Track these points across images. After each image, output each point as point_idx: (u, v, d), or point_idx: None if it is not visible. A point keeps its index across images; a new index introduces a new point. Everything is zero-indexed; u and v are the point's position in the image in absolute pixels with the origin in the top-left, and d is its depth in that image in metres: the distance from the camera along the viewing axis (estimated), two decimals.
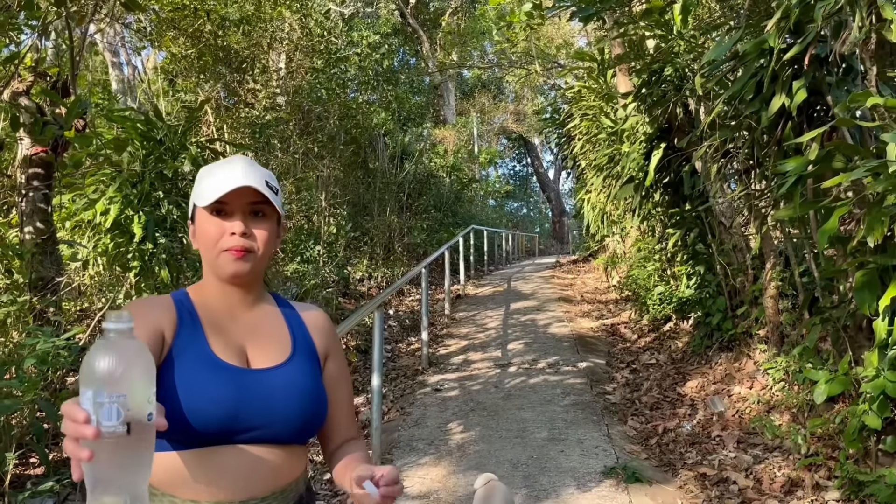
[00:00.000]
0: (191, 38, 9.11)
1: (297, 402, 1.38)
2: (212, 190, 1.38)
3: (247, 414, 1.32)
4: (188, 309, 1.41)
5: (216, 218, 1.39)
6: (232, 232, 1.38)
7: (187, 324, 1.38)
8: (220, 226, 1.39)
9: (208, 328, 1.39)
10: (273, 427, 1.35)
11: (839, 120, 3.69)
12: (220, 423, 1.28)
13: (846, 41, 3.67)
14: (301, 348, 1.47)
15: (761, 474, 4.37)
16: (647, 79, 6.57)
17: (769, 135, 4.64)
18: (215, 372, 1.33)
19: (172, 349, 1.32)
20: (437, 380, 7.11)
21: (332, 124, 11.44)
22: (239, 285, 1.45)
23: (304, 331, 1.52)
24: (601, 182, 9.63)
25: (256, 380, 1.37)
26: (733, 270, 6.51)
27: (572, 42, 21.89)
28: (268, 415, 1.34)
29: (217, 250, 1.39)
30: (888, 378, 3.62)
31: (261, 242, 1.41)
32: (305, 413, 1.40)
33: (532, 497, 4.21)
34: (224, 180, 1.38)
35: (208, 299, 1.45)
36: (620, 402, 6.19)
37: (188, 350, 1.33)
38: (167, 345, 1.33)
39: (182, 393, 1.27)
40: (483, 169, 30.24)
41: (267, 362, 1.41)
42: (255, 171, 1.43)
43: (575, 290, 12.87)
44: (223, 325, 1.42)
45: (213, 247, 1.39)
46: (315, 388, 1.44)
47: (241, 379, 1.35)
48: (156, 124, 6.14)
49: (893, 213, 3.22)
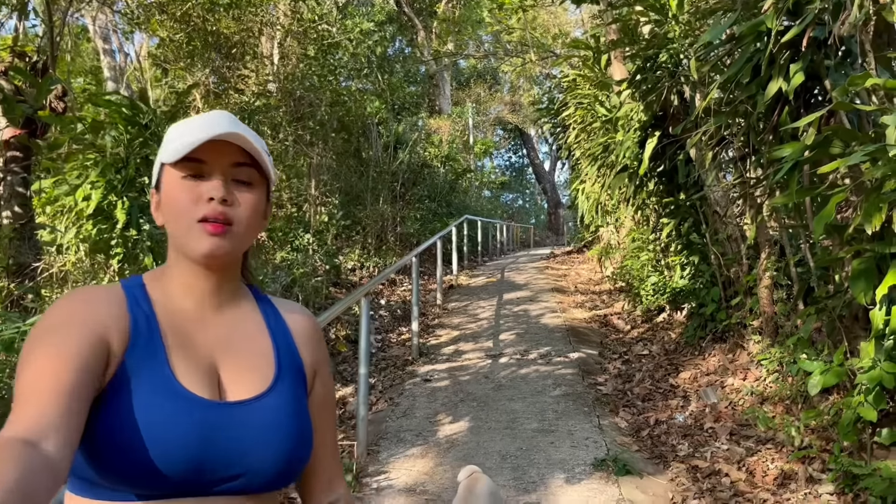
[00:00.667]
0: (179, 22, 8.96)
1: (279, 446, 1.08)
2: (185, 144, 1.07)
3: (216, 461, 1.02)
4: (144, 311, 1.08)
5: (189, 181, 1.08)
6: (210, 197, 1.07)
7: (143, 333, 1.05)
8: (194, 189, 1.07)
9: (170, 340, 1.07)
10: (248, 476, 1.05)
11: (837, 104, 3.59)
12: (180, 472, 0.98)
13: (846, 22, 3.56)
14: (287, 368, 1.17)
15: (754, 467, 4.29)
16: (642, 65, 6.45)
17: (765, 120, 4.54)
18: (178, 405, 1.01)
19: (123, 369, 1.00)
20: (427, 370, 7.01)
21: (323, 111, 11.30)
22: (214, 270, 1.13)
23: (289, 342, 1.21)
24: (595, 171, 9.52)
25: (230, 417, 1.05)
26: (727, 260, 6.42)
27: (568, 31, 21.74)
28: (242, 462, 1.04)
29: (188, 221, 1.07)
30: (884, 369, 3.54)
31: (245, 215, 1.10)
32: (290, 459, 1.10)
33: (521, 489, 4.12)
34: (202, 127, 1.08)
35: (171, 295, 1.12)
36: (612, 393, 6.10)
37: (143, 372, 1.01)
38: (115, 361, 1.00)
39: (135, 432, 0.96)
40: (478, 159, 30.10)
41: (244, 391, 1.09)
42: (242, 126, 1.13)
43: (568, 281, 12.79)
44: (189, 334, 1.10)
45: (182, 216, 1.07)
46: (302, 424, 1.14)
47: (210, 416, 1.03)
48: (141, 109, 6.01)
49: (892, 200, 3.13)
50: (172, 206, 1.08)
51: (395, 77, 17.42)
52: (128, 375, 1.00)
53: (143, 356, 1.02)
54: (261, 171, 1.13)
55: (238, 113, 9.49)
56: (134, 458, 0.95)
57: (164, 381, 1.02)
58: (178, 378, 1.03)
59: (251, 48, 10.44)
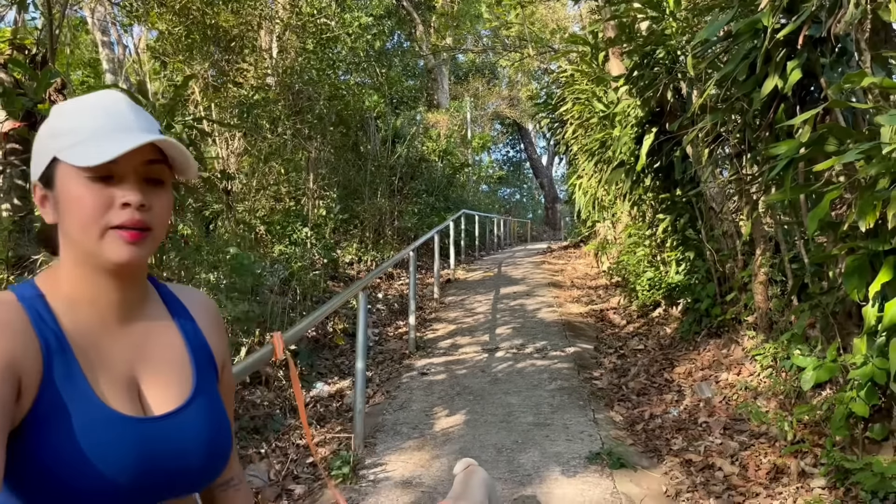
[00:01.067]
0: (178, 15, 8.95)
1: (210, 448, 1.08)
2: (94, 143, 0.98)
3: (156, 474, 1.01)
4: (52, 328, 0.98)
5: (96, 182, 0.99)
6: (124, 202, 0.99)
7: (56, 355, 0.96)
8: (104, 193, 0.99)
9: (83, 357, 1.00)
10: (185, 483, 1.06)
11: (832, 102, 3.62)
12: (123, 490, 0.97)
13: (842, 20, 3.59)
14: (203, 367, 1.15)
15: (747, 461, 4.33)
16: (640, 61, 6.48)
17: (761, 117, 4.57)
18: (108, 429, 0.96)
19: (42, 398, 0.94)
20: (424, 364, 7.05)
21: (321, 105, 11.30)
22: (125, 277, 1.06)
23: (200, 337, 1.18)
24: (592, 167, 9.55)
25: (160, 431, 1.03)
26: (723, 256, 6.46)
27: (566, 27, 21.73)
28: (179, 470, 1.04)
29: (99, 228, 0.98)
30: (876, 365, 3.57)
31: (161, 219, 1.04)
32: (222, 456, 1.12)
33: (516, 482, 4.16)
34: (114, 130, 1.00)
35: (75, 305, 1.03)
36: (607, 387, 6.14)
37: (65, 399, 0.95)
38: (30, 391, 0.93)
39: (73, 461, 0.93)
40: (476, 154, 30.11)
41: (168, 403, 1.07)
42: (146, 117, 1.06)
43: (565, 276, 12.83)
44: (102, 347, 1.03)
45: (92, 224, 0.98)
46: (224, 421, 1.14)
47: (141, 434, 1.00)
48: (140, 101, 6.03)
49: (885, 198, 3.16)
50: (77, 211, 0.99)
51: (394, 71, 17.39)
52: (49, 405, 0.94)
53: (61, 381, 0.96)
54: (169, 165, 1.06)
55: (237, 106, 9.50)
56: (76, 486, 0.93)
57: (90, 406, 0.97)
58: (102, 399, 0.98)
59: (250, 42, 10.44)
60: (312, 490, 4.38)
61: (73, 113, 1.04)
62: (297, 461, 4.84)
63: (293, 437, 5.24)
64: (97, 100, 1.05)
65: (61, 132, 1.01)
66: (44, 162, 1.02)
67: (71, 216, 1.00)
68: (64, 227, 1.03)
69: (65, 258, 1.05)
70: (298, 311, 7.64)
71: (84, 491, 0.94)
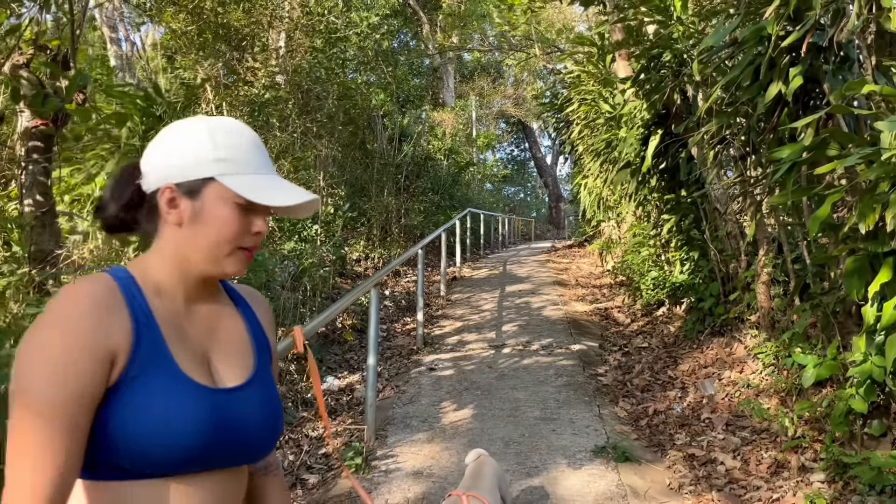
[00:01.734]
0: (191, 15, 9.08)
1: (268, 424, 1.23)
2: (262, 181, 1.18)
3: (224, 441, 1.14)
4: (142, 307, 1.12)
5: (241, 210, 1.17)
6: (257, 232, 1.19)
7: (145, 333, 1.11)
8: (245, 220, 1.18)
9: (168, 333, 1.14)
10: (245, 453, 1.20)
11: (834, 107, 3.73)
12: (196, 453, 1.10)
13: (844, 29, 3.70)
14: (261, 351, 1.30)
15: (748, 456, 4.44)
16: (646, 64, 6.59)
17: (765, 121, 4.68)
18: (187, 395, 1.11)
19: (129, 369, 1.08)
20: (432, 359, 7.18)
21: (330, 104, 11.43)
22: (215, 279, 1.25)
23: (260, 329, 1.33)
24: (598, 167, 9.66)
25: (229, 402, 1.17)
26: (726, 256, 6.57)
27: (572, 26, 21.82)
28: (242, 442, 1.18)
29: (231, 248, 1.17)
30: (875, 363, 3.69)
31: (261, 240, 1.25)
32: (277, 432, 1.26)
33: (524, 474, 4.28)
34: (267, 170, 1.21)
35: (161, 288, 1.18)
36: (612, 383, 6.26)
37: (150, 368, 1.09)
38: (119, 367, 1.07)
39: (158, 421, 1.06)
40: (481, 152, 30.22)
41: (234, 378, 1.21)
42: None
43: (570, 275, 12.94)
44: (182, 327, 1.18)
45: (228, 243, 1.17)
46: (278, 403, 1.28)
47: (214, 402, 1.14)
48: (155, 100, 6.15)
49: (885, 201, 3.27)
50: (220, 229, 1.15)
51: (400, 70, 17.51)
52: (139, 371, 1.08)
53: (148, 352, 1.09)
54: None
55: (248, 105, 9.63)
56: (156, 446, 1.06)
57: (173, 374, 1.10)
58: (182, 370, 1.12)
59: (260, 41, 10.56)
60: (326, 480, 4.51)
61: (227, 140, 1.18)
62: (310, 452, 4.97)
63: (305, 429, 5.37)
64: (241, 129, 1.21)
65: (221, 157, 1.17)
66: (195, 174, 1.16)
67: (209, 231, 1.16)
68: (191, 235, 1.17)
69: (164, 251, 1.19)
70: (308, 307, 7.77)
71: (162, 452, 1.07)
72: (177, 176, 1.16)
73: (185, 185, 1.16)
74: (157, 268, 1.19)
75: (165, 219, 1.18)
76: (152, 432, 1.06)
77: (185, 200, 1.16)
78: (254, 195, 1.15)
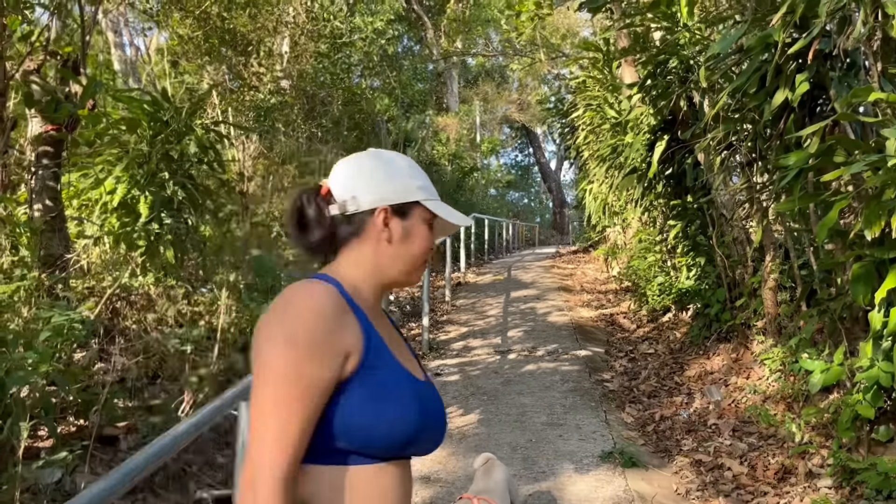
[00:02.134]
0: (197, 20, 9.14)
1: (445, 418, 1.39)
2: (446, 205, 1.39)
3: (428, 429, 1.29)
4: (361, 313, 1.27)
5: (429, 230, 1.36)
6: (432, 248, 1.39)
7: (369, 335, 1.25)
8: (430, 239, 1.37)
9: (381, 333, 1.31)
10: (439, 439, 1.35)
11: (840, 114, 3.75)
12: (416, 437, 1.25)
13: (850, 37, 3.72)
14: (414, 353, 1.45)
15: (755, 461, 4.45)
16: (653, 70, 6.61)
17: (772, 128, 4.70)
18: (408, 386, 1.26)
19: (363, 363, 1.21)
20: (438, 365, 7.19)
21: (336, 109, 11.48)
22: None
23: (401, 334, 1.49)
24: (604, 173, 9.69)
25: (432, 394, 1.34)
26: (733, 262, 6.58)
27: (577, 32, 21.85)
28: (441, 429, 1.34)
29: (421, 262, 1.36)
30: (882, 368, 3.69)
31: None
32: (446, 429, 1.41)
33: (531, 479, 4.30)
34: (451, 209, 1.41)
35: (362, 296, 1.31)
36: (618, 389, 6.27)
37: (379, 363, 1.24)
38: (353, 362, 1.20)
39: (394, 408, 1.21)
40: (485, 158, 30.25)
41: (420, 373, 1.36)
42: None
43: (575, 280, 12.95)
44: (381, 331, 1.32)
45: (420, 257, 1.35)
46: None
47: (423, 393, 1.30)
48: (163, 105, 6.19)
49: (891, 207, 3.29)
50: (420, 245, 1.34)
51: (404, 74, 17.56)
52: (368, 367, 1.22)
53: (376, 349, 1.24)
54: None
55: (253, 110, 9.67)
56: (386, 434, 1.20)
57: (397, 368, 1.26)
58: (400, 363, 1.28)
59: (266, 46, 10.61)
60: None
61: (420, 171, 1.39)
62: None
63: None
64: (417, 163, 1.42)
65: (421, 185, 1.36)
66: (405, 198, 1.33)
67: (411, 247, 1.34)
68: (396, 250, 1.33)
69: (362, 263, 1.33)
70: None
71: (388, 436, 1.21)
72: (392, 199, 1.32)
73: (398, 206, 1.32)
74: (349, 277, 1.31)
75: (377, 236, 1.32)
76: (388, 419, 1.20)
77: (395, 220, 1.32)
78: (451, 217, 1.37)
